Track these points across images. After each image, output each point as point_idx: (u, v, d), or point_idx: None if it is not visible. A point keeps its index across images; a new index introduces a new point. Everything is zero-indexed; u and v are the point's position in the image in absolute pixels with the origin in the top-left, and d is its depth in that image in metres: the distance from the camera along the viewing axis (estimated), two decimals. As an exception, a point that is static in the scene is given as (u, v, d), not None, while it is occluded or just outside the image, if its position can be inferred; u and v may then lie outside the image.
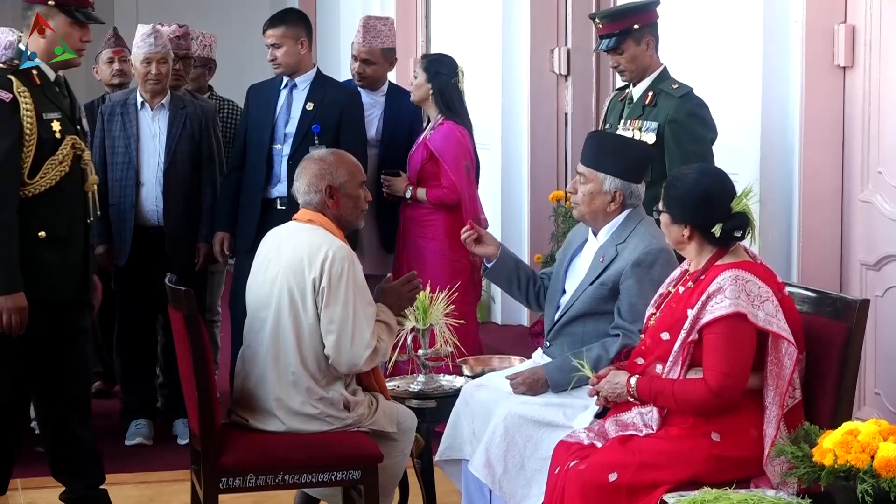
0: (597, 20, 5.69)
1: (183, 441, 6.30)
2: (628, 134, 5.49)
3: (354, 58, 6.83)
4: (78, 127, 5.12)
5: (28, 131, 4.90)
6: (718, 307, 4.07)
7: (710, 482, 3.98)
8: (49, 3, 4.98)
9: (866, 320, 4.23)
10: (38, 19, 4.96)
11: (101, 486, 5.28)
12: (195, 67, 7.08)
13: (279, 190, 6.43)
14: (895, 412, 5.38)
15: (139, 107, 6.43)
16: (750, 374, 4.10)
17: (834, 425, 3.89)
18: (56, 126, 4.97)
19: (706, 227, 4.18)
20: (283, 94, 6.52)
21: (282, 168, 6.41)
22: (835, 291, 5.01)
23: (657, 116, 5.48)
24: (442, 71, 6.55)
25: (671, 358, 4.16)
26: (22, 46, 5.03)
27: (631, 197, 4.70)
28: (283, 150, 6.43)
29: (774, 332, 4.05)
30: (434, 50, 10.17)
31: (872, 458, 3.59)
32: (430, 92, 6.51)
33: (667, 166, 5.32)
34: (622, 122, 5.63)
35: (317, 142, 6.30)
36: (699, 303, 4.12)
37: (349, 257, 4.61)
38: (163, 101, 6.44)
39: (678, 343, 4.15)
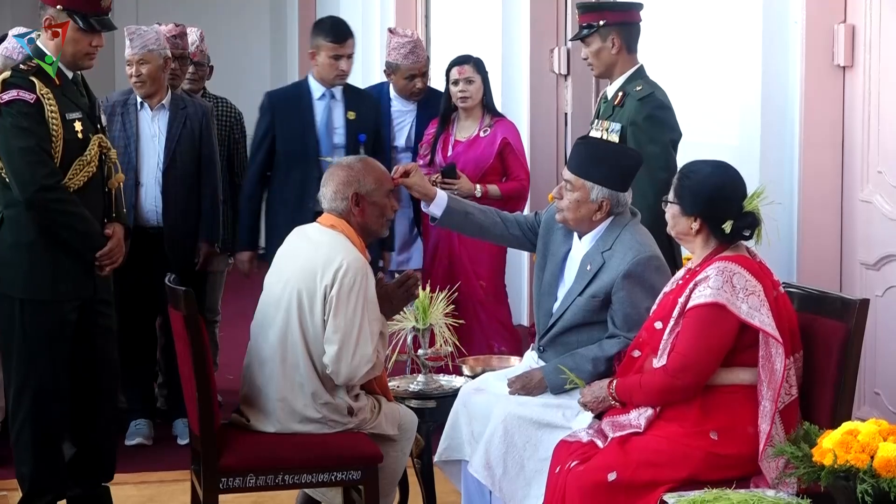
0: (578, 10, 5.78)
1: (183, 441, 6.30)
2: (597, 134, 5.50)
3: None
4: (98, 125, 5.12)
5: (54, 133, 4.90)
6: (700, 295, 4.11)
7: (709, 480, 3.99)
8: (58, 6, 4.95)
9: (866, 320, 4.22)
10: (47, 22, 4.95)
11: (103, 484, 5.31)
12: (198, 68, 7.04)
13: None
14: (895, 412, 5.38)
15: (139, 107, 6.40)
16: (717, 366, 4.12)
17: (833, 425, 3.89)
18: (78, 126, 4.98)
19: (717, 223, 4.19)
20: (321, 104, 6.46)
21: None
22: (835, 291, 5.01)
23: (622, 118, 5.48)
24: (486, 69, 6.63)
25: (660, 347, 4.19)
26: (40, 44, 5.01)
27: (618, 206, 4.66)
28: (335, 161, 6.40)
29: (755, 325, 4.07)
30: (433, 51, 10.17)
31: (872, 458, 3.59)
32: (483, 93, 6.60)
33: None
34: (596, 121, 5.66)
35: (362, 151, 6.25)
36: (687, 290, 4.15)
37: (363, 269, 4.55)
38: (163, 102, 6.42)
39: (667, 332, 4.18)
